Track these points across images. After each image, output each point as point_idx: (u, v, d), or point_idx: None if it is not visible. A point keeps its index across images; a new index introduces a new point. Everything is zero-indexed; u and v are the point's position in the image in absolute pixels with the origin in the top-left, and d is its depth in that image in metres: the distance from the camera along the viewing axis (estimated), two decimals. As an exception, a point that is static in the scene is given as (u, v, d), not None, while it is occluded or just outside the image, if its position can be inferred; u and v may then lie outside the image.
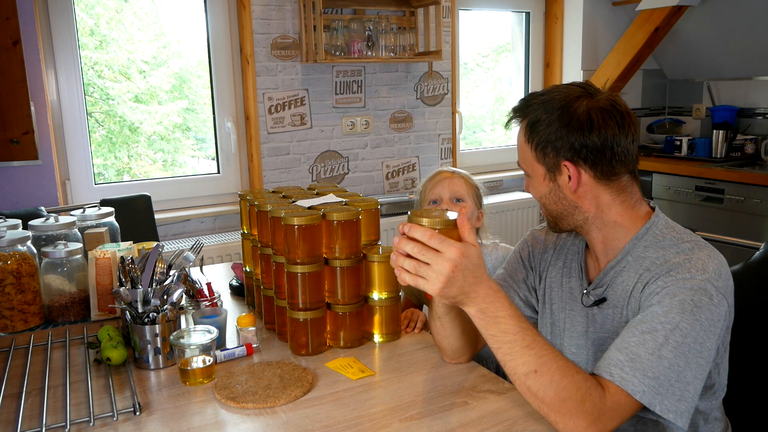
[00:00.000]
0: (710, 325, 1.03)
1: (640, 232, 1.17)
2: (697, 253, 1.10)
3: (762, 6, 3.25)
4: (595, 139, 1.12)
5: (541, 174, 1.19)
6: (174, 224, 2.96)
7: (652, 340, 1.02)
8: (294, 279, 1.36)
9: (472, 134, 4.07)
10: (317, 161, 3.26)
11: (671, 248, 1.13)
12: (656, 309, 1.05)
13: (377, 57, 3.13)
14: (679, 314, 1.03)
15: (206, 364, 1.26)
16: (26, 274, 1.57)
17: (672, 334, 1.02)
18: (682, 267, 1.08)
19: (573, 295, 1.28)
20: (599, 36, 3.83)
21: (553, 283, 1.33)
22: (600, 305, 1.21)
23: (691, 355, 1.02)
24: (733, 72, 3.70)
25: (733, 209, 3.20)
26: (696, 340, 1.02)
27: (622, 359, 1.02)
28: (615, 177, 1.15)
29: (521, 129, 1.20)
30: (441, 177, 1.77)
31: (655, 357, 1.01)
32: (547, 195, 1.20)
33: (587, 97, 1.14)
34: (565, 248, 1.33)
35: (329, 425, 1.08)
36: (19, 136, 2.17)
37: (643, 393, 0.99)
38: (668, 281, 1.07)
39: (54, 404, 1.18)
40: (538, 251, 1.38)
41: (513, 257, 1.42)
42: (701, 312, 1.03)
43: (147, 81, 3.10)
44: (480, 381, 1.24)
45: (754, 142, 3.57)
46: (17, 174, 2.55)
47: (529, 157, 1.19)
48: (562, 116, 1.13)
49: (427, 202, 1.74)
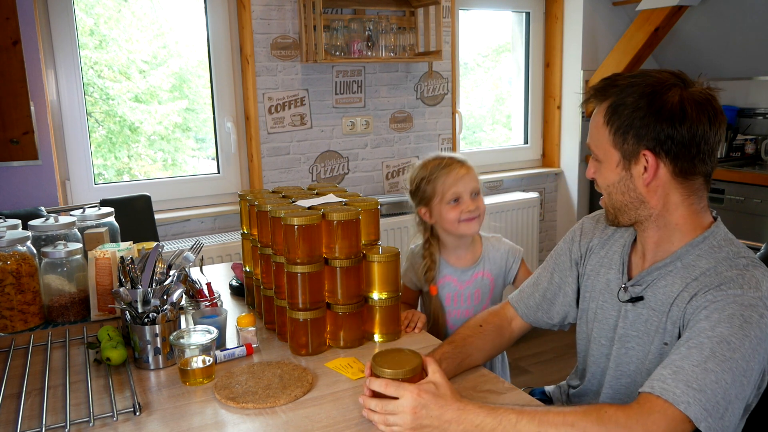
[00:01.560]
0: (758, 344, 0.98)
1: (697, 239, 1.12)
2: (752, 270, 1.05)
3: (762, 6, 3.25)
4: (684, 132, 1.06)
5: (614, 161, 1.13)
6: (174, 224, 2.96)
7: (697, 353, 0.97)
8: (294, 279, 1.36)
9: (472, 134, 4.07)
10: (317, 161, 3.26)
11: (725, 261, 1.08)
12: (703, 324, 1.01)
13: (377, 57, 3.13)
14: (728, 328, 0.98)
15: (206, 364, 1.25)
16: (26, 274, 1.57)
17: (719, 347, 0.97)
18: (734, 282, 1.03)
19: (609, 288, 1.25)
20: (599, 36, 3.83)
21: (591, 271, 1.30)
22: (635, 303, 1.18)
23: (737, 372, 0.96)
24: (733, 72, 3.69)
25: (733, 209, 3.20)
26: (744, 357, 0.96)
27: (665, 374, 0.98)
28: (692, 177, 1.10)
29: (600, 110, 1.14)
30: (458, 173, 1.69)
31: (701, 369, 0.95)
32: (615, 184, 1.14)
33: (681, 87, 1.08)
34: (612, 240, 1.30)
35: (329, 425, 1.08)
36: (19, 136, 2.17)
37: (688, 405, 0.93)
38: (718, 296, 1.02)
39: (54, 404, 1.18)
40: (585, 240, 1.35)
41: (561, 246, 1.41)
42: (751, 328, 0.98)
43: (147, 81, 3.09)
44: (480, 381, 1.24)
45: (754, 142, 3.57)
46: (17, 174, 2.54)
47: (605, 141, 1.13)
48: (653, 103, 1.07)
49: (447, 200, 1.67)
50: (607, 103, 1.13)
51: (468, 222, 1.67)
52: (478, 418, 1.01)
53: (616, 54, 3.73)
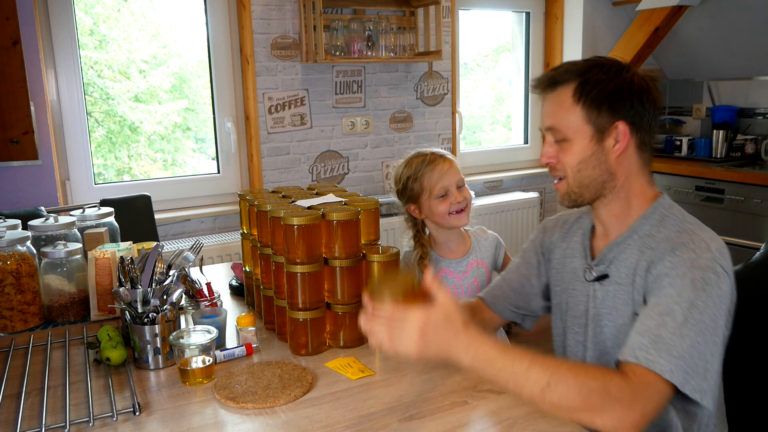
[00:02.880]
0: (720, 302, 1.05)
1: (648, 211, 1.19)
2: (699, 234, 1.13)
3: (762, 6, 3.25)
4: (649, 106, 1.16)
5: (587, 136, 1.17)
6: (174, 224, 2.96)
7: (671, 321, 1.03)
8: (294, 279, 1.36)
9: (472, 134, 4.07)
10: (317, 161, 3.26)
11: (673, 227, 1.15)
12: (669, 290, 1.06)
13: (377, 57, 3.13)
14: (693, 292, 1.04)
15: (206, 364, 1.25)
16: (26, 275, 1.57)
17: (690, 312, 1.03)
18: (686, 246, 1.10)
19: (575, 275, 1.30)
20: (599, 36, 3.83)
21: (557, 264, 1.35)
22: (602, 281, 1.23)
23: (708, 332, 1.02)
24: (733, 72, 3.69)
25: (733, 209, 3.20)
26: (711, 318, 1.03)
27: (645, 342, 1.02)
28: (645, 148, 1.19)
29: (566, 90, 1.18)
30: (443, 168, 1.73)
31: (678, 336, 1.01)
32: (587, 159, 1.18)
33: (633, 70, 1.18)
34: (571, 232, 1.36)
35: (329, 425, 1.08)
36: (19, 136, 2.17)
37: (672, 372, 0.99)
38: (675, 262, 1.09)
39: (54, 404, 1.17)
40: (548, 237, 1.41)
41: (529, 246, 1.46)
42: (711, 289, 1.05)
43: (147, 80, 3.10)
44: (480, 381, 1.24)
45: (754, 142, 3.57)
46: (17, 174, 2.54)
47: (574, 120, 1.17)
48: (622, 78, 1.16)
49: (435, 195, 1.71)
50: (573, 84, 1.18)
51: (458, 214, 1.74)
52: (490, 353, 1.01)
53: (616, 54, 3.71)
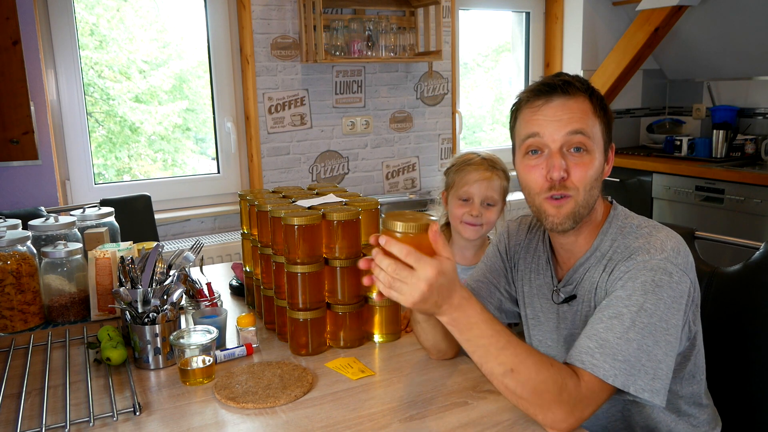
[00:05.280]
0: (673, 302, 1.06)
1: (605, 227, 1.20)
2: (656, 235, 1.13)
3: (762, 6, 3.25)
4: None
5: (601, 151, 1.15)
6: (174, 224, 2.96)
7: (619, 324, 1.04)
8: (294, 279, 1.36)
9: (472, 134, 4.07)
10: (317, 161, 3.26)
11: (630, 235, 1.16)
12: (620, 293, 1.07)
13: (377, 57, 3.13)
14: (642, 295, 1.05)
15: (206, 364, 1.25)
16: (26, 274, 1.57)
17: (638, 316, 1.04)
18: (642, 250, 1.10)
19: (542, 292, 1.30)
20: (599, 36, 3.83)
21: (523, 276, 1.35)
22: (570, 302, 1.23)
23: (658, 333, 1.04)
24: (733, 72, 3.69)
25: (733, 209, 3.20)
26: (662, 318, 1.04)
27: (591, 346, 1.04)
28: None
29: (583, 98, 1.13)
30: (479, 176, 1.68)
31: (624, 341, 1.02)
32: (598, 176, 1.15)
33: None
34: (531, 245, 1.34)
35: (329, 425, 1.08)
36: (19, 136, 2.17)
37: (615, 377, 1.01)
38: (629, 265, 1.10)
39: (54, 404, 1.17)
40: (512, 243, 1.39)
41: (492, 251, 1.43)
42: (662, 290, 1.05)
43: (147, 81, 3.10)
44: (480, 381, 1.24)
45: (754, 142, 3.57)
46: (17, 174, 2.54)
47: (597, 131, 1.14)
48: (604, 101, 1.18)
49: (458, 196, 1.68)
50: (586, 95, 1.14)
51: (468, 225, 1.71)
52: (473, 318, 1.02)
53: (616, 54, 3.73)
